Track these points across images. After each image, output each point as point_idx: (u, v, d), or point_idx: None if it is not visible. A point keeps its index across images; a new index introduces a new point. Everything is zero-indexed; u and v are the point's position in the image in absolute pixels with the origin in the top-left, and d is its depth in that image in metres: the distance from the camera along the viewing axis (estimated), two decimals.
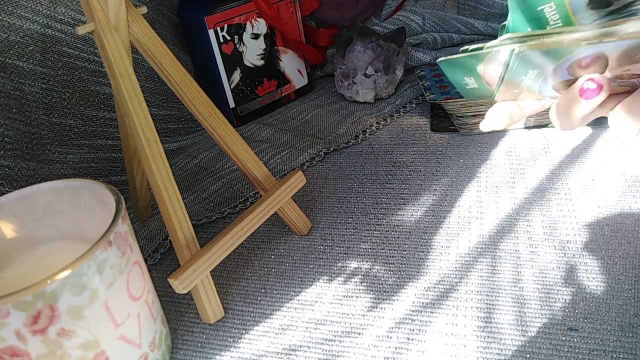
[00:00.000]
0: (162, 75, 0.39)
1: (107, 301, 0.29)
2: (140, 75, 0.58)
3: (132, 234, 0.32)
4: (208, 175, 0.57)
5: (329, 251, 0.44)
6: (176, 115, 0.64)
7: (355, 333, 0.36)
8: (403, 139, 0.58)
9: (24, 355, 0.27)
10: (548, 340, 0.33)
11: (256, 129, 0.65)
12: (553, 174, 0.48)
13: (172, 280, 0.35)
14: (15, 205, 0.34)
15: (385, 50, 0.64)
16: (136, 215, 0.50)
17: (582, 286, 0.37)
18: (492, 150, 0.53)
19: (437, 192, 0.49)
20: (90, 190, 0.34)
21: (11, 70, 0.47)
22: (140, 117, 0.36)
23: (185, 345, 0.38)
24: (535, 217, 0.43)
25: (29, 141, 0.48)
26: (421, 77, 0.62)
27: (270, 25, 0.65)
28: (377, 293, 0.39)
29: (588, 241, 0.40)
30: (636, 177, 0.45)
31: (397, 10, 0.79)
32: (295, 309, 0.39)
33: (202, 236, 0.49)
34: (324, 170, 0.55)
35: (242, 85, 0.65)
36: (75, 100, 0.52)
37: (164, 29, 0.62)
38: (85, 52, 0.52)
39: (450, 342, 0.34)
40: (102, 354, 0.29)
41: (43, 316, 0.26)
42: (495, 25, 0.79)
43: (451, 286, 0.38)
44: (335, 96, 0.70)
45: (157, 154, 0.36)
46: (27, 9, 0.47)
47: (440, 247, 0.42)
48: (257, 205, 0.41)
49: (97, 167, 0.55)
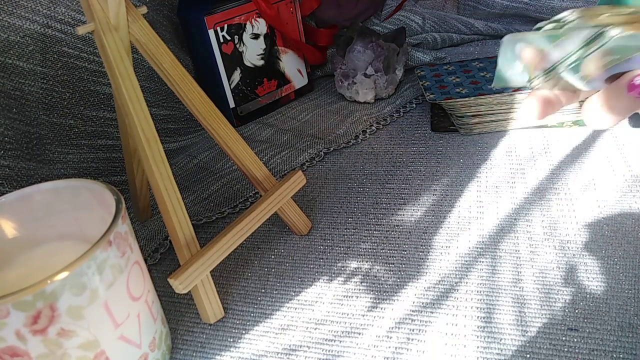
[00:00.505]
0: (162, 75, 0.39)
1: (107, 301, 0.29)
2: (140, 75, 0.58)
3: (132, 234, 0.32)
4: (208, 175, 0.57)
5: (329, 251, 0.44)
6: (176, 115, 0.64)
7: (355, 333, 0.36)
8: (403, 139, 0.58)
9: (24, 355, 0.27)
10: (548, 340, 0.33)
11: (256, 129, 0.65)
12: (553, 174, 0.48)
13: (172, 280, 0.35)
14: (15, 205, 0.34)
15: (385, 50, 0.64)
16: (136, 215, 0.50)
17: (582, 286, 0.37)
18: (492, 150, 0.53)
19: (437, 192, 0.49)
20: (90, 190, 0.34)
21: (11, 70, 0.47)
22: (140, 117, 0.36)
23: (185, 345, 0.38)
24: (535, 217, 0.43)
25: (29, 141, 0.48)
26: (421, 77, 0.62)
27: (270, 25, 0.65)
28: (377, 293, 0.39)
29: (588, 241, 0.40)
30: (636, 177, 0.45)
31: (397, 10, 0.79)
32: (295, 309, 0.39)
33: (202, 236, 0.49)
34: (324, 170, 0.55)
35: (242, 85, 0.65)
36: (75, 100, 0.52)
37: (164, 29, 0.62)
38: (85, 52, 0.52)
39: (450, 342, 0.34)
40: (102, 354, 0.29)
41: (43, 316, 0.26)
42: (495, 25, 0.79)
43: (451, 286, 0.38)
44: (335, 96, 0.70)
45: (157, 154, 0.36)
46: (27, 9, 0.47)
47: (440, 247, 0.42)
48: (257, 205, 0.41)
49: (97, 167, 0.55)
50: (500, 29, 0.79)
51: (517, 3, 0.79)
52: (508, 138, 0.54)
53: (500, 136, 0.55)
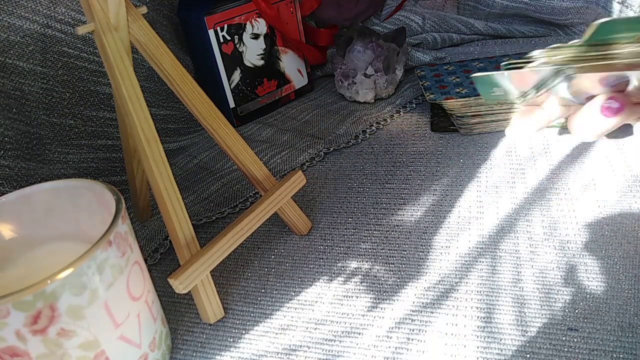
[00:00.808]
0: (162, 75, 0.39)
1: (107, 301, 0.29)
2: (140, 75, 0.58)
3: (132, 234, 0.32)
4: (208, 175, 0.57)
5: (329, 251, 0.44)
6: (176, 115, 0.64)
7: (355, 333, 0.36)
8: (403, 139, 0.58)
9: (24, 355, 0.27)
10: (548, 340, 0.33)
11: (256, 129, 0.65)
12: (553, 174, 0.48)
13: (172, 280, 0.35)
14: (15, 205, 0.34)
15: (385, 50, 0.64)
16: (136, 215, 0.50)
17: (582, 286, 0.37)
18: (492, 150, 0.53)
19: (437, 192, 0.49)
20: (90, 190, 0.34)
21: (11, 70, 0.47)
22: (140, 117, 0.36)
23: (185, 345, 0.38)
24: (535, 217, 0.43)
25: (29, 141, 0.48)
26: (421, 77, 0.62)
27: (270, 25, 0.65)
28: (377, 293, 0.39)
29: (588, 241, 0.40)
30: (636, 177, 0.45)
31: (397, 10, 0.79)
32: (295, 309, 0.39)
33: (202, 236, 0.49)
34: (324, 170, 0.55)
35: (242, 85, 0.65)
36: (75, 100, 0.52)
37: (164, 29, 0.62)
38: (85, 52, 0.52)
39: (450, 342, 0.34)
40: (102, 354, 0.29)
41: (43, 316, 0.26)
42: (495, 25, 0.79)
43: (451, 286, 0.38)
44: (335, 96, 0.70)
45: (157, 154, 0.36)
46: (27, 9, 0.47)
47: (440, 247, 0.42)
48: (257, 205, 0.41)
49: (97, 167, 0.55)
50: (500, 29, 0.79)
51: (517, 3, 0.79)
52: (508, 138, 0.54)
53: (500, 136, 0.55)
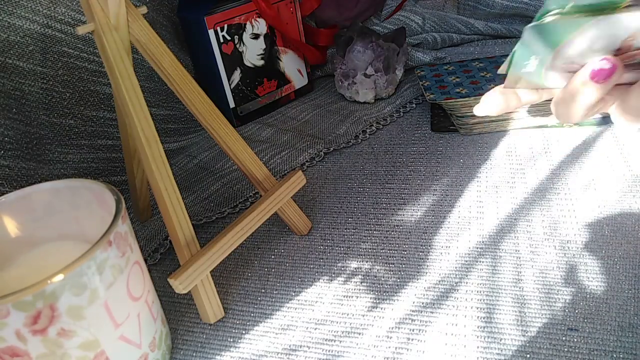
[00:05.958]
0: (162, 75, 0.39)
1: (107, 301, 0.29)
2: (140, 75, 0.58)
3: (132, 234, 0.32)
4: (208, 175, 0.57)
5: (329, 251, 0.44)
6: (176, 115, 0.64)
7: (355, 333, 0.36)
8: (403, 139, 0.58)
9: (24, 355, 0.27)
10: (548, 340, 0.33)
11: (256, 129, 0.65)
12: (553, 174, 0.48)
13: (172, 280, 0.35)
14: (15, 205, 0.34)
15: (385, 50, 0.64)
16: (136, 215, 0.50)
17: (582, 286, 0.37)
18: (492, 150, 0.53)
19: (437, 192, 0.49)
20: (90, 190, 0.34)
21: (11, 70, 0.47)
22: (140, 117, 0.36)
23: (185, 345, 0.38)
24: (536, 217, 0.43)
25: (29, 141, 0.48)
26: (421, 77, 0.62)
27: (270, 25, 0.65)
28: (377, 293, 0.39)
29: (588, 241, 0.40)
30: (636, 177, 0.45)
31: (397, 10, 0.79)
32: (295, 309, 0.39)
33: (202, 236, 0.49)
34: (324, 170, 0.55)
35: (242, 85, 0.65)
36: (75, 100, 0.52)
37: (164, 29, 0.62)
38: (85, 52, 0.52)
39: (450, 342, 0.34)
40: (102, 354, 0.29)
41: (43, 316, 0.26)
42: (495, 25, 0.79)
43: (451, 286, 0.38)
44: (335, 96, 0.70)
45: (157, 154, 0.36)
46: (27, 9, 0.47)
47: (440, 247, 0.42)
48: (257, 205, 0.41)
49: (97, 167, 0.55)
50: (500, 29, 0.79)
51: (517, 3, 0.79)
52: (508, 138, 0.54)
53: (500, 136, 0.55)
